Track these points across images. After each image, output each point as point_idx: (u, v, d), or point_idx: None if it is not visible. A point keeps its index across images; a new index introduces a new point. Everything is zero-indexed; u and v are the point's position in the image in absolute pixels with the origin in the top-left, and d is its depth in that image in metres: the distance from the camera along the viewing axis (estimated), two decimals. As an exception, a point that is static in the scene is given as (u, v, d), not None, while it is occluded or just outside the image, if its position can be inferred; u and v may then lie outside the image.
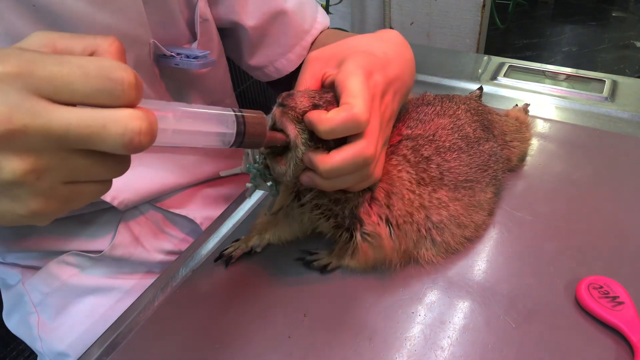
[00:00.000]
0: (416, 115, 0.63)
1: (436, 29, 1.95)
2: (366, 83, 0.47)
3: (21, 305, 0.74)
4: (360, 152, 0.45)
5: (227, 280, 0.58)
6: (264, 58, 0.80)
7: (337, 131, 0.44)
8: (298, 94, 0.47)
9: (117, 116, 0.30)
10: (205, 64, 0.67)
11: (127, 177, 0.72)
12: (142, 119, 0.30)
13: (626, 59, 3.09)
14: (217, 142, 0.38)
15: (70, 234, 0.71)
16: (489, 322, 0.50)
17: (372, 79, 0.48)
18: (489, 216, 0.62)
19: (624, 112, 0.83)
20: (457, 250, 0.58)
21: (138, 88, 0.31)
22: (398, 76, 0.54)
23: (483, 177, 0.60)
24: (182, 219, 0.76)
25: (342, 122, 0.44)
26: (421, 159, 0.56)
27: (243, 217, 0.68)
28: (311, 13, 0.79)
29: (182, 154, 0.77)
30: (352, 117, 0.44)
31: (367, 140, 0.46)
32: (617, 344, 0.48)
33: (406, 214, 0.53)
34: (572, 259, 0.57)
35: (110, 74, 0.29)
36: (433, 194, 0.55)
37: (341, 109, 0.44)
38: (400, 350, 0.48)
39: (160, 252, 0.76)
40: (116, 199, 0.66)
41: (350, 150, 0.45)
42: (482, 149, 0.62)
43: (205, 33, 0.70)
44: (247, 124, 0.39)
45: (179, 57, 0.66)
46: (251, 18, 0.74)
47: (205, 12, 0.69)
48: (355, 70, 0.47)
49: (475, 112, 0.66)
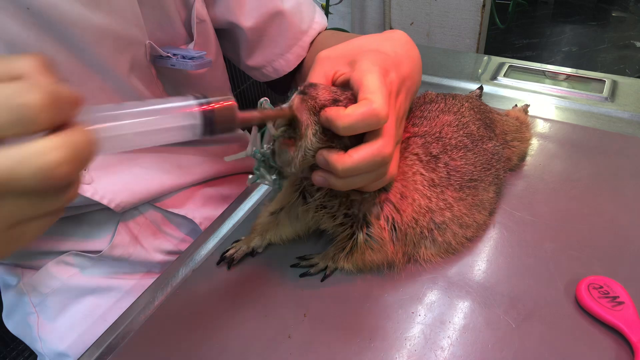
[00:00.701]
0: (420, 113, 0.63)
1: (436, 29, 1.95)
2: (383, 80, 0.46)
3: (21, 306, 0.74)
4: (379, 150, 0.45)
5: (227, 280, 0.58)
6: (262, 58, 0.80)
7: (356, 127, 0.43)
8: (320, 86, 0.46)
9: (29, 152, 0.26)
10: (201, 64, 0.67)
11: (124, 179, 0.72)
12: (60, 147, 0.27)
13: (626, 59, 3.09)
14: (186, 135, 0.37)
15: (69, 234, 0.70)
16: (489, 322, 0.50)
17: (388, 76, 0.48)
18: (490, 216, 0.62)
19: (624, 112, 0.83)
20: (457, 250, 0.58)
21: (58, 105, 0.27)
22: (409, 75, 0.54)
23: (486, 176, 0.60)
24: (182, 218, 0.76)
25: (361, 118, 0.43)
26: (430, 158, 0.56)
27: (243, 217, 0.68)
28: (309, 13, 0.79)
29: (180, 154, 0.77)
30: (372, 112, 0.43)
31: (385, 139, 0.45)
32: (617, 344, 0.48)
33: (412, 219, 0.53)
34: (572, 259, 0.57)
35: (15, 99, 0.26)
36: (440, 195, 0.55)
37: (360, 104, 0.44)
38: (400, 350, 0.48)
39: (160, 252, 0.76)
40: (113, 202, 0.66)
41: (369, 149, 0.45)
42: (486, 147, 0.62)
43: (202, 34, 0.71)
44: (214, 110, 0.38)
45: (175, 58, 0.66)
46: (248, 19, 0.74)
47: (201, 13, 0.69)
48: (372, 68, 0.47)
49: (478, 110, 0.66)
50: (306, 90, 0.45)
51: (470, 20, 1.87)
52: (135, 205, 0.70)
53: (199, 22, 0.69)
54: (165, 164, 0.74)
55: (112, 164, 0.67)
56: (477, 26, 1.87)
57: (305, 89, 0.45)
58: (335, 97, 0.45)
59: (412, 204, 0.53)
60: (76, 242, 0.71)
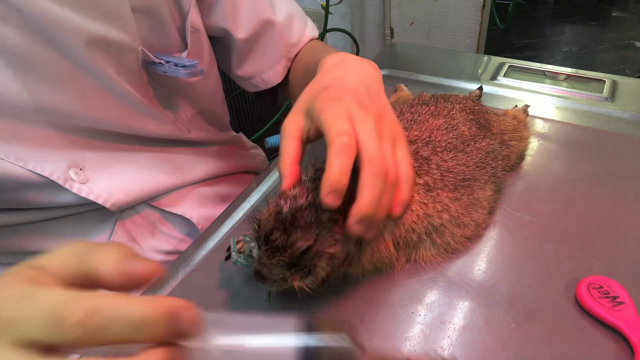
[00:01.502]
0: (410, 115, 0.63)
1: (436, 29, 1.95)
2: (338, 112, 0.44)
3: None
4: (373, 173, 0.41)
5: (226, 280, 0.58)
6: (251, 69, 0.82)
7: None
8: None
9: None
10: (193, 72, 0.67)
11: (119, 179, 0.72)
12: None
13: (626, 59, 3.08)
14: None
15: (67, 234, 0.70)
16: (489, 322, 0.50)
17: (342, 102, 0.45)
18: (490, 215, 0.62)
19: (624, 112, 0.83)
20: (457, 249, 0.58)
21: (176, 322, 0.26)
22: (356, 85, 0.50)
23: (481, 174, 0.60)
24: (179, 218, 0.76)
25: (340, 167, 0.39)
26: (423, 161, 0.56)
27: (243, 217, 0.68)
28: (299, 27, 0.81)
29: (176, 153, 0.77)
30: (343, 148, 0.40)
31: (371, 156, 0.41)
32: (617, 344, 0.48)
33: (410, 229, 0.53)
34: (572, 259, 0.57)
35: (136, 310, 0.25)
36: (437, 198, 0.55)
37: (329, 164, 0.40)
38: (400, 351, 0.48)
39: (158, 252, 0.76)
40: (108, 201, 0.66)
41: (366, 191, 0.40)
42: (479, 146, 0.62)
43: (196, 43, 0.71)
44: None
45: (167, 65, 0.66)
46: (243, 30, 0.76)
47: (196, 22, 0.70)
48: (328, 112, 0.44)
49: (471, 111, 0.66)
50: None
51: (470, 20, 1.87)
52: (131, 204, 0.70)
53: (193, 31, 0.70)
54: (161, 163, 0.74)
55: (107, 163, 0.67)
56: (477, 26, 1.87)
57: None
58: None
59: (410, 214, 0.53)
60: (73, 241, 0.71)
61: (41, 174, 0.59)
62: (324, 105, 0.45)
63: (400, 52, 1.15)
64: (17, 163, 0.57)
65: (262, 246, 0.44)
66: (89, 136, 0.65)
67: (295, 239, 0.43)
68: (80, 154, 0.64)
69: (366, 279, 0.56)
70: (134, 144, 0.71)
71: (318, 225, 0.43)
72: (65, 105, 0.59)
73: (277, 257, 0.43)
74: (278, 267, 0.44)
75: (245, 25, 0.76)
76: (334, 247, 0.44)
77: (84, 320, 0.25)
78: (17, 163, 0.57)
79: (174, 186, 0.75)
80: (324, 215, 0.43)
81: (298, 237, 0.43)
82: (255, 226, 0.46)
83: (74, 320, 0.25)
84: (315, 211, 0.43)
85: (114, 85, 0.62)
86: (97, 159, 0.66)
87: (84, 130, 0.64)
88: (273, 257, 0.43)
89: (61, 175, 0.61)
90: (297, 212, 0.43)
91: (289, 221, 0.43)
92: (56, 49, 0.56)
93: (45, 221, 0.67)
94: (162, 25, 0.67)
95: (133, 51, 0.63)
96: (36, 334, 0.25)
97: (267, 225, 0.44)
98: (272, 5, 0.78)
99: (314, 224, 0.43)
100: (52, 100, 0.58)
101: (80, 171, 0.63)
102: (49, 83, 0.57)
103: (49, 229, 0.69)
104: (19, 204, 0.62)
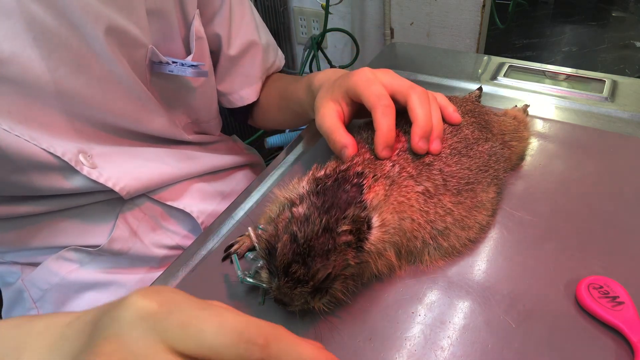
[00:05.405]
0: None
1: (436, 29, 1.95)
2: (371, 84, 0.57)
3: (21, 302, 0.74)
4: (419, 99, 0.56)
5: (226, 280, 0.58)
6: (231, 86, 0.86)
7: None
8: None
9: None
10: (199, 72, 0.71)
11: (126, 168, 0.75)
12: None
13: (626, 59, 3.08)
14: None
15: (69, 229, 0.71)
16: (489, 322, 0.50)
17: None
18: (493, 216, 0.62)
19: (624, 112, 0.83)
20: (461, 252, 0.58)
21: None
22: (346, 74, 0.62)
23: (484, 177, 0.60)
24: (180, 213, 0.77)
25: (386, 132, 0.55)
26: (423, 167, 0.56)
27: (243, 217, 0.68)
28: (274, 53, 0.90)
29: (177, 149, 0.79)
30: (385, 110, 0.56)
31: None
32: (617, 344, 0.48)
33: (412, 237, 0.53)
34: (572, 259, 0.57)
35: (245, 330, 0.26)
36: (438, 203, 0.55)
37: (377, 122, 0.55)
38: (400, 351, 0.48)
39: (159, 247, 0.76)
40: (118, 185, 0.67)
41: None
42: (482, 149, 0.62)
43: (199, 50, 0.74)
44: None
45: (173, 65, 0.69)
46: (233, 46, 0.82)
47: (200, 31, 0.73)
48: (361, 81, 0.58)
49: (472, 114, 0.66)
50: None
51: (470, 20, 1.87)
52: (140, 192, 0.71)
53: (197, 39, 0.73)
54: (164, 156, 0.76)
55: (113, 155, 0.68)
56: (477, 26, 1.87)
57: None
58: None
59: (411, 223, 0.53)
60: (75, 236, 0.71)
61: (54, 153, 0.59)
62: (357, 81, 0.57)
63: (400, 52, 1.15)
64: (31, 141, 0.57)
65: (282, 278, 0.45)
66: (98, 127, 0.67)
67: (315, 270, 0.44)
68: (88, 144, 0.65)
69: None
70: (138, 140, 0.73)
71: (334, 250, 0.44)
72: (81, 89, 0.61)
73: (299, 288, 0.44)
74: (300, 295, 0.45)
75: (236, 43, 0.82)
76: (349, 269, 0.46)
77: (267, 344, 0.26)
78: (32, 141, 0.58)
79: (178, 177, 0.77)
80: (341, 242, 0.45)
81: (318, 269, 0.44)
82: (265, 248, 0.47)
83: (257, 342, 0.26)
84: (330, 236, 0.44)
85: (125, 76, 0.64)
86: (103, 150, 0.67)
87: (94, 121, 0.65)
88: (295, 288, 0.44)
89: (72, 157, 0.62)
90: (313, 240, 0.44)
91: (307, 253, 0.44)
92: (78, 33, 0.58)
93: (49, 214, 0.68)
94: (170, 30, 0.70)
95: (144, 47, 0.65)
96: (212, 345, 0.25)
97: (284, 258, 0.44)
98: (257, 29, 0.84)
99: (330, 251, 0.44)
100: (69, 85, 0.60)
101: (89, 157, 0.65)
102: (68, 66, 0.59)
103: (52, 222, 0.69)
104: (27, 189, 0.62)
